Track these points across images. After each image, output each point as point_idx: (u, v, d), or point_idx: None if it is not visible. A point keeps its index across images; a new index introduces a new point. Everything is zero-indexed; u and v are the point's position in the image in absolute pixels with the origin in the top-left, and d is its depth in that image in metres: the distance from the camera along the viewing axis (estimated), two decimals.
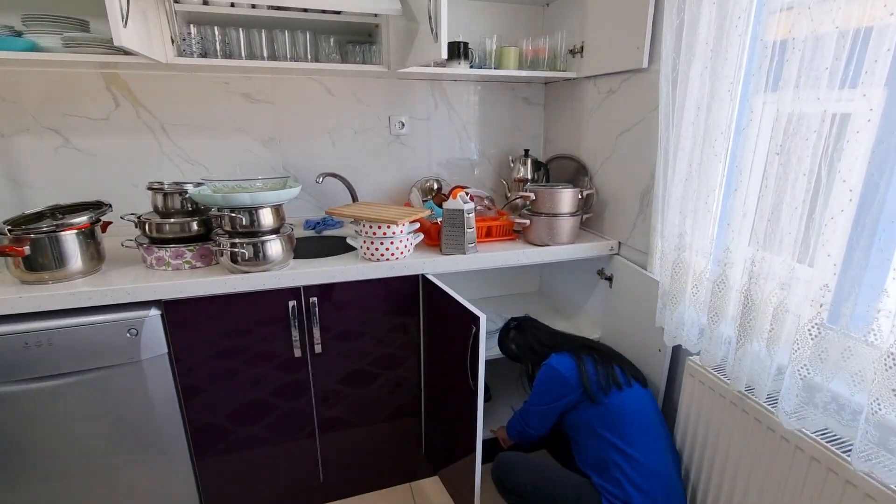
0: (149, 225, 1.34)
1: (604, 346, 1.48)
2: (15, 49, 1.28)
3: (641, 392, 1.32)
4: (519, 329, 1.57)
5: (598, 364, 1.34)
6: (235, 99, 1.71)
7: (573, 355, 1.36)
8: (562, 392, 1.32)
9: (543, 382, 1.37)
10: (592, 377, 1.31)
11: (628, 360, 1.42)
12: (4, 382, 1.17)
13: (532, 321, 1.59)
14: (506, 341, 1.59)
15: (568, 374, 1.32)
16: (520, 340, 1.54)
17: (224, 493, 1.49)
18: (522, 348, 1.53)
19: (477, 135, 2.03)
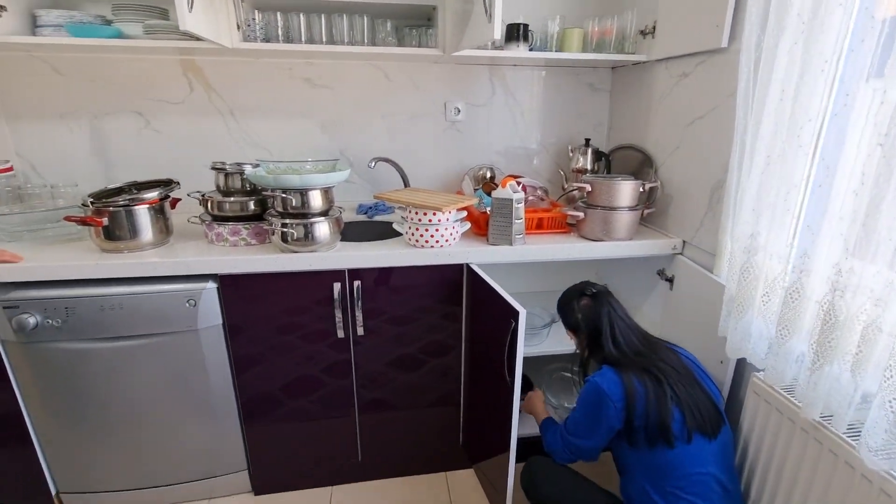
0: (211, 203, 1.42)
1: (681, 373, 1.13)
2: (102, 36, 1.40)
3: (704, 446, 1.07)
4: (595, 299, 1.25)
5: (653, 405, 1.07)
6: (297, 84, 1.76)
7: (624, 383, 1.10)
8: (604, 416, 1.11)
9: (585, 398, 1.17)
10: (639, 419, 1.07)
11: (704, 398, 1.11)
12: (86, 340, 1.31)
13: (612, 297, 1.26)
14: (572, 305, 1.28)
15: (611, 407, 1.10)
16: (589, 313, 1.23)
17: (269, 459, 1.58)
18: (588, 322, 1.23)
19: (536, 122, 1.95)
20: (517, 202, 1.41)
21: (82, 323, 1.28)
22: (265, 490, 1.61)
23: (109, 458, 1.45)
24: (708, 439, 1.07)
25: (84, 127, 1.69)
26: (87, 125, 1.69)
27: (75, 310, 1.27)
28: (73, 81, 1.64)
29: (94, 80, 1.65)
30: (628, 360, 1.16)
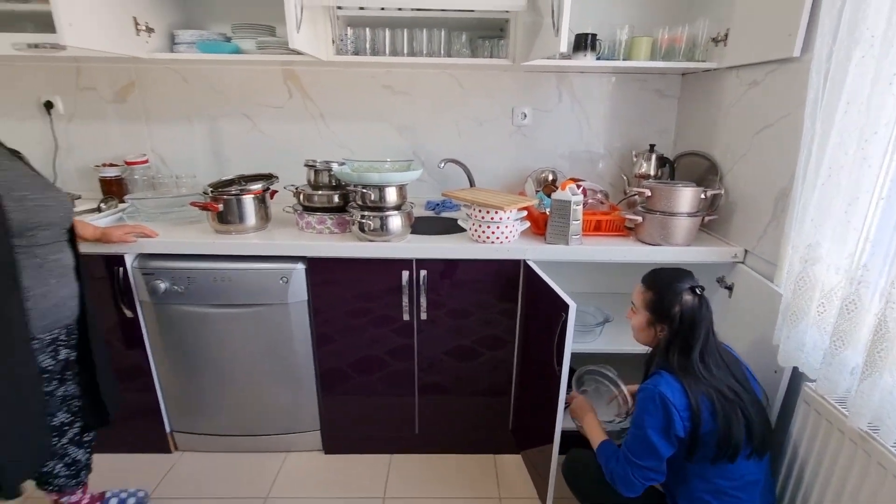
0: (302, 195, 1.64)
1: (749, 393, 1.11)
2: (224, 52, 1.67)
3: (753, 466, 1.09)
4: (701, 301, 1.12)
5: (723, 426, 1.04)
6: (379, 90, 1.96)
7: (687, 393, 1.05)
8: (670, 426, 1.06)
9: (646, 407, 1.09)
10: (707, 436, 1.05)
11: (764, 419, 1.11)
12: (201, 305, 1.58)
13: (709, 305, 1.15)
14: (676, 293, 1.12)
15: (675, 416, 1.05)
16: (691, 312, 1.10)
17: (338, 423, 1.78)
18: (684, 321, 1.11)
19: (601, 127, 2.00)
20: (575, 204, 1.49)
21: (199, 290, 1.55)
22: (334, 450, 1.82)
23: (213, 406, 1.73)
24: (759, 458, 1.10)
25: (204, 127, 2.00)
26: (206, 126, 1.99)
27: (195, 279, 1.54)
28: (197, 89, 1.95)
29: (213, 88, 1.95)
30: (702, 375, 1.08)
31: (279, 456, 1.80)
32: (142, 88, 1.94)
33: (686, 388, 1.06)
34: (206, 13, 1.84)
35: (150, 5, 1.63)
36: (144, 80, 1.93)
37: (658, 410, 1.06)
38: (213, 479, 1.69)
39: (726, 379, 1.09)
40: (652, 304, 1.16)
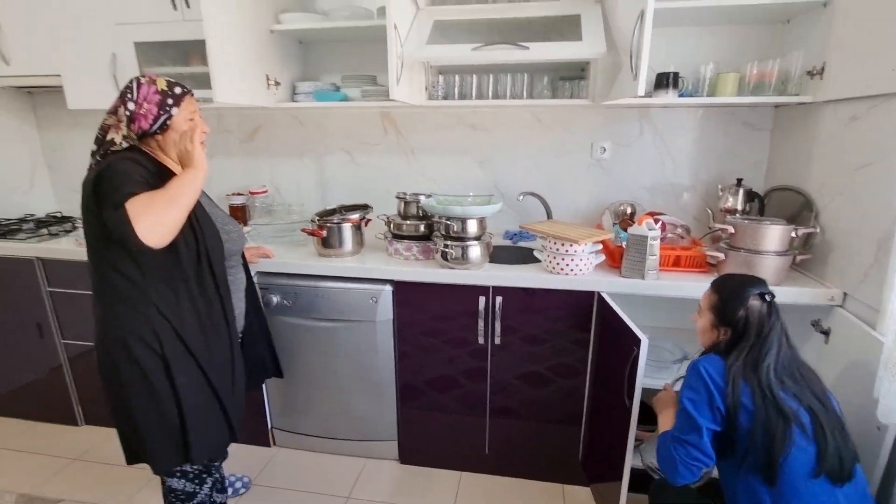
0: (392, 224, 1.83)
1: (829, 413, 1.04)
2: (334, 100, 1.94)
3: (833, 490, 1.00)
4: (771, 308, 1.09)
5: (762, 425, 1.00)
6: (463, 128, 2.12)
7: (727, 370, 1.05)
8: (707, 395, 1.06)
9: (687, 383, 1.12)
10: (742, 430, 1.02)
11: (850, 448, 1.02)
12: (304, 317, 1.81)
13: (780, 314, 1.10)
14: (743, 298, 1.10)
15: (710, 384, 1.05)
16: (758, 320, 1.08)
17: (414, 436, 1.91)
18: (748, 329, 1.08)
19: (685, 160, 1.98)
20: (652, 239, 1.51)
21: (303, 305, 1.79)
22: (409, 461, 1.95)
23: (307, 408, 1.94)
24: (835, 483, 1.01)
25: (312, 162, 2.30)
26: (314, 160, 2.30)
27: (300, 295, 1.78)
28: (309, 129, 2.26)
29: (322, 128, 2.24)
30: (766, 380, 1.04)
31: (360, 460, 1.96)
32: (266, 130, 2.29)
33: (727, 367, 1.06)
34: (321, 66, 2.15)
35: (278, 63, 1.95)
36: (268, 124, 2.28)
37: (697, 381, 1.07)
38: (303, 474, 1.89)
39: (801, 393, 1.04)
40: (716, 307, 1.15)
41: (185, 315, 1.18)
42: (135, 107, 1.13)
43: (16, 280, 2.01)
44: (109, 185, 1.03)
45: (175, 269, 1.17)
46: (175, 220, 1.04)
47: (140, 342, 1.14)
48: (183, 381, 1.19)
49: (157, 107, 1.15)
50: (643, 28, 1.33)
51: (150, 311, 1.15)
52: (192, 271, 1.19)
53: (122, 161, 1.09)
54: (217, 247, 1.25)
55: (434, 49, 1.60)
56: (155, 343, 1.15)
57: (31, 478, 1.87)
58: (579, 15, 1.59)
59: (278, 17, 1.87)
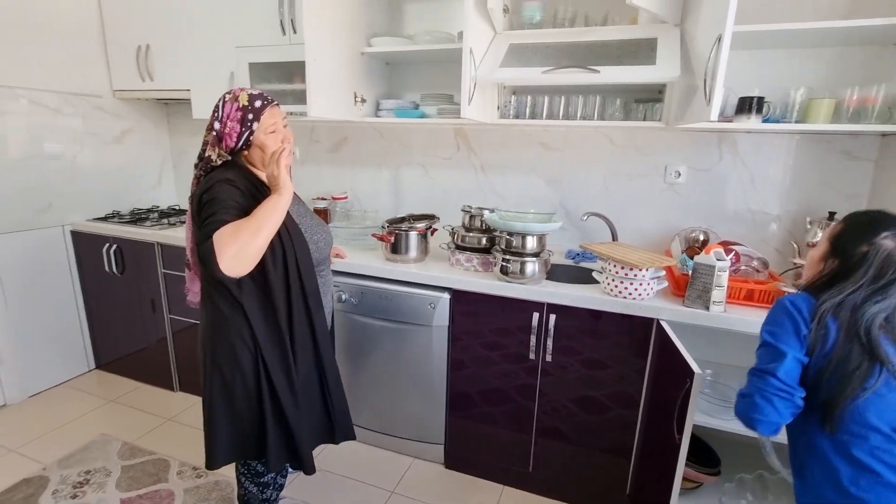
0: (456, 235, 1.92)
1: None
2: (413, 117, 2.09)
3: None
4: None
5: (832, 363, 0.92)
6: (534, 146, 2.17)
7: (816, 306, 0.95)
8: (791, 324, 0.97)
9: (770, 317, 1.03)
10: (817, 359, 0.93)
11: None
12: (368, 316, 1.95)
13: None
14: (872, 232, 0.94)
15: (795, 314, 0.96)
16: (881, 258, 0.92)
17: (460, 442, 1.96)
18: (869, 269, 0.93)
19: (769, 189, 1.86)
20: (719, 270, 1.44)
21: (368, 304, 1.93)
22: (453, 466, 2.00)
23: (364, 401, 2.07)
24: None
25: (388, 173, 2.47)
26: (391, 171, 2.46)
27: (366, 295, 1.92)
28: (388, 142, 2.43)
29: (400, 142, 2.41)
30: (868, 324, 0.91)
31: (408, 459, 2.05)
32: (350, 142, 2.51)
33: (819, 302, 0.95)
34: (404, 84, 2.32)
35: (365, 82, 2.14)
36: (353, 136, 2.50)
37: (781, 314, 0.99)
38: (354, 463, 2.01)
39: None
40: (837, 236, 1.00)
41: (271, 330, 1.25)
42: (220, 126, 1.21)
43: (141, 260, 2.38)
44: (207, 212, 1.12)
45: (265, 284, 1.23)
46: (258, 248, 1.11)
47: (232, 351, 1.24)
48: (217, 386, 1.26)
49: (238, 124, 1.20)
50: (720, 52, 1.30)
51: (242, 321, 1.22)
52: (280, 285, 1.25)
53: (220, 184, 1.16)
54: (306, 260, 1.30)
55: (506, 72, 1.67)
56: (244, 351, 1.24)
57: (134, 430, 2.18)
58: (656, 38, 1.58)
59: (369, 41, 2.06)
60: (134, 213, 2.67)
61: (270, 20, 2.08)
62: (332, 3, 1.85)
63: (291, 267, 1.26)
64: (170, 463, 1.95)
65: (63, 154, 2.45)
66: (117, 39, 2.52)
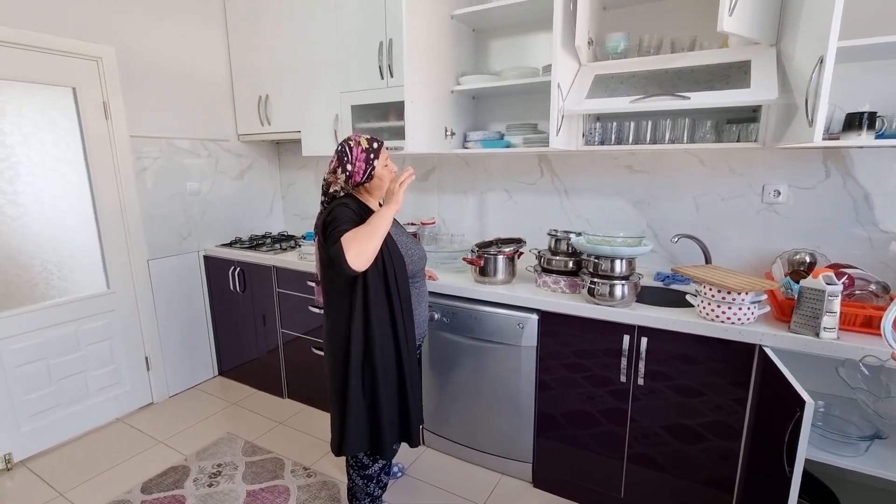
0: (542, 258, 1.99)
1: None
2: (499, 147, 2.21)
3: None
4: None
5: None
6: (619, 170, 2.19)
7: None
8: None
9: None
10: None
11: None
12: (458, 335, 2.07)
13: None
14: None
15: None
16: None
17: (548, 463, 1.99)
18: None
19: (886, 207, 1.72)
20: (830, 295, 1.38)
21: (459, 324, 2.05)
22: (542, 486, 2.03)
23: (453, 416, 2.19)
24: None
25: (474, 198, 2.61)
26: (476, 197, 2.60)
27: (457, 315, 2.05)
28: (474, 170, 2.58)
29: (486, 169, 2.54)
30: None
31: (496, 475, 2.11)
32: (438, 171, 2.69)
33: None
34: (489, 116, 2.46)
35: (455, 117, 2.31)
36: (441, 165, 2.68)
37: None
38: (446, 475, 2.12)
39: None
40: None
41: (370, 328, 1.50)
42: (351, 167, 1.52)
43: (259, 280, 2.72)
44: (331, 227, 1.41)
45: (371, 290, 1.49)
46: (374, 247, 1.39)
47: (339, 347, 1.51)
48: (353, 382, 1.51)
49: (364, 163, 1.53)
50: (822, 73, 1.27)
51: (347, 323, 1.50)
52: (381, 290, 1.52)
53: (338, 207, 1.47)
54: (401, 270, 1.57)
55: (593, 102, 1.74)
56: (345, 350, 1.50)
57: (253, 431, 2.48)
58: (749, 61, 1.57)
59: (458, 80, 2.24)
60: (252, 239, 3.06)
61: (370, 67, 2.34)
62: (427, 47, 2.05)
63: (390, 276, 1.52)
64: (284, 462, 2.19)
65: (200, 190, 2.90)
66: (243, 92, 2.96)
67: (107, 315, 2.52)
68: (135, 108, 2.54)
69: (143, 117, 2.59)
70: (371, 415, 1.55)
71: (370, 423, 1.55)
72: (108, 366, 2.55)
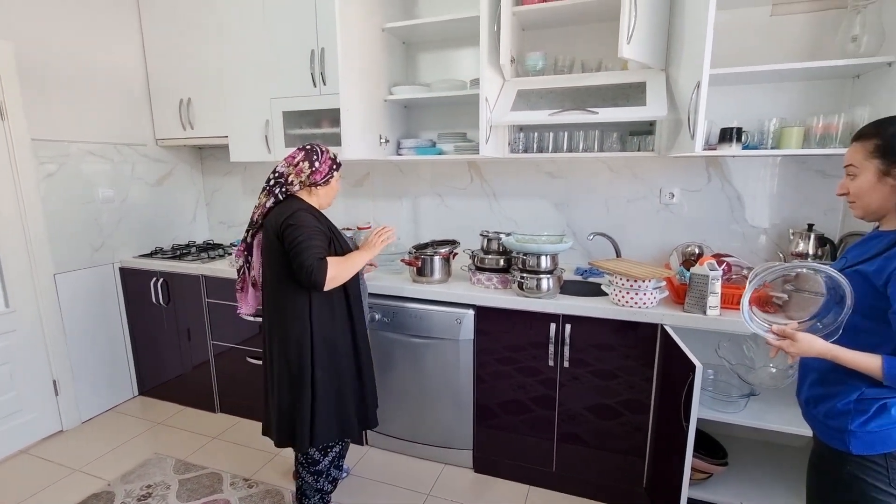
0: (476, 257, 2.14)
1: None
2: (432, 153, 2.34)
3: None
4: None
5: None
6: (541, 176, 2.41)
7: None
8: None
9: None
10: None
11: None
12: (399, 333, 2.15)
13: None
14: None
15: None
16: None
17: (487, 448, 2.13)
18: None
19: (755, 206, 2.08)
20: (713, 279, 1.65)
21: (399, 322, 2.13)
22: (482, 470, 2.16)
23: (395, 413, 2.26)
24: None
25: (409, 203, 2.71)
26: (410, 202, 2.70)
27: (397, 314, 2.13)
28: (407, 176, 2.68)
29: (419, 175, 2.65)
30: None
31: (439, 465, 2.21)
32: (372, 177, 2.76)
33: None
34: (421, 125, 2.58)
35: (389, 125, 2.40)
36: (374, 172, 2.75)
37: None
38: (390, 471, 2.18)
39: None
40: (879, 148, 0.99)
41: (328, 323, 1.59)
42: (318, 164, 1.61)
43: (185, 291, 2.60)
44: (298, 234, 1.48)
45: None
46: (346, 279, 1.57)
47: (301, 344, 1.56)
48: (319, 374, 1.57)
49: (328, 168, 1.64)
50: (699, 95, 1.54)
51: (307, 320, 1.56)
52: (339, 287, 1.60)
53: (302, 212, 1.53)
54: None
55: (517, 115, 1.92)
56: (307, 345, 1.56)
57: (184, 449, 2.36)
58: (645, 82, 1.84)
59: (391, 90, 2.33)
60: (175, 248, 2.91)
61: (302, 74, 2.36)
62: (360, 57, 2.12)
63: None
64: (222, 476, 2.12)
65: (114, 197, 2.70)
66: (161, 94, 2.81)
67: (6, 336, 2.28)
68: (37, 108, 2.33)
69: (47, 119, 2.38)
70: (338, 402, 1.62)
71: (338, 410, 1.63)
72: (7, 392, 2.30)
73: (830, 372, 1.08)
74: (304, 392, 1.57)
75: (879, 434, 1.01)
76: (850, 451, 1.04)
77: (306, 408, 1.57)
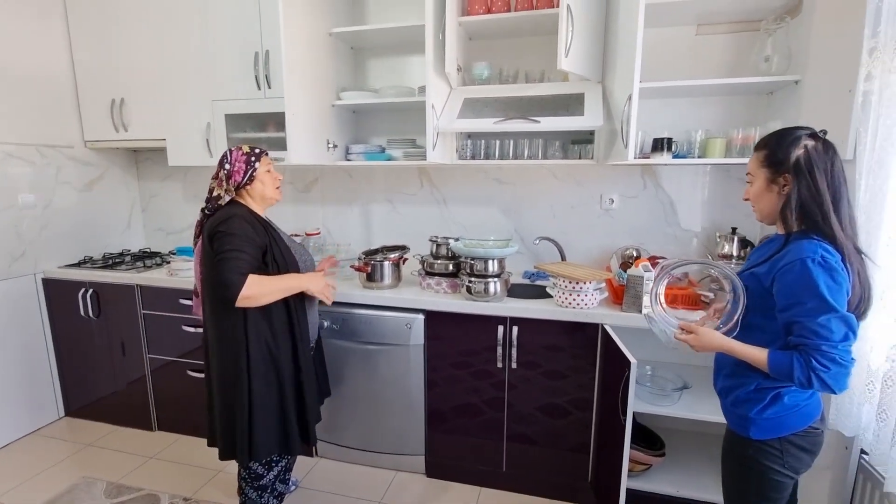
0: (426, 263, 2.15)
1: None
2: (381, 159, 2.33)
3: None
4: (826, 147, 1.05)
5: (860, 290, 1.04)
6: (489, 182, 2.46)
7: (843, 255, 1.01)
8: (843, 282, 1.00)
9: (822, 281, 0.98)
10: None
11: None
12: (349, 340, 2.12)
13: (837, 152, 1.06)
14: (795, 139, 1.06)
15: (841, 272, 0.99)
16: (816, 160, 1.03)
17: (439, 452, 2.14)
18: (811, 169, 1.03)
19: (685, 211, 2.22)
20: (647, 279, 1.75)
21: (349, 329, 2.11)
22: (434, 475, 2.17)
23: (345, 422, 2.22)
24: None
25: (359, 209, 2.69)
26: (360, 207, 2.68)
27: (347, 321, 2.10)
28: (357, 181, 2.66)
29: (368, 181, 2.64)
30: (844, 236, 1.02)
31: (391, 472, 2.19)
32: (321, 182, 2.72)
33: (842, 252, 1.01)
34: (370, 131, 2.57)
35: (337, 130, 2.38)
36: (323, 177, 2.71)
37: (840, 276, 0.99)
38: (341, 481, 2.14)
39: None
40: (767, 158, 1.10)
41: (268, 332, 1.53)
42: (230, 166, 1.56)
43: (118, 303, 2.44)
44: (226, 243, 1.43)
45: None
46: (268, 301, 1.49)
47: (237, 354, 1.50)
48: (257, 385, 1.51)
49: (244, 164, 1.57)
50: (631, 107, 1.64)
51: (242, 329, 1.50)
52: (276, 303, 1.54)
53: (234, 219, 1.47)
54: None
55: (463, 122, 1.96)
56: (243, 354, 1.50)
57: (117, 471, 2.20)
58: (583, 94, 1.93)
59: (339, 95, 2.31)
60: (107, 257, 2.73)
61: (246, 76, 2.29)
62: (307, 61, 2.09)
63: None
64: (159, 497, 2.00)
65: (36, 203, 2.51)
66: (90, 93, 2.64)
67: None
68: None
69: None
70: (279, 415, 1.56)
71: (279, 423, 1.57)
72: None
73: (736, 365, 1.18)
74: (240, 401, 1.51)
75: (775, 420, 1.12)
76: (751, 436, 1.14)
77: (244, 419, 1.51)
